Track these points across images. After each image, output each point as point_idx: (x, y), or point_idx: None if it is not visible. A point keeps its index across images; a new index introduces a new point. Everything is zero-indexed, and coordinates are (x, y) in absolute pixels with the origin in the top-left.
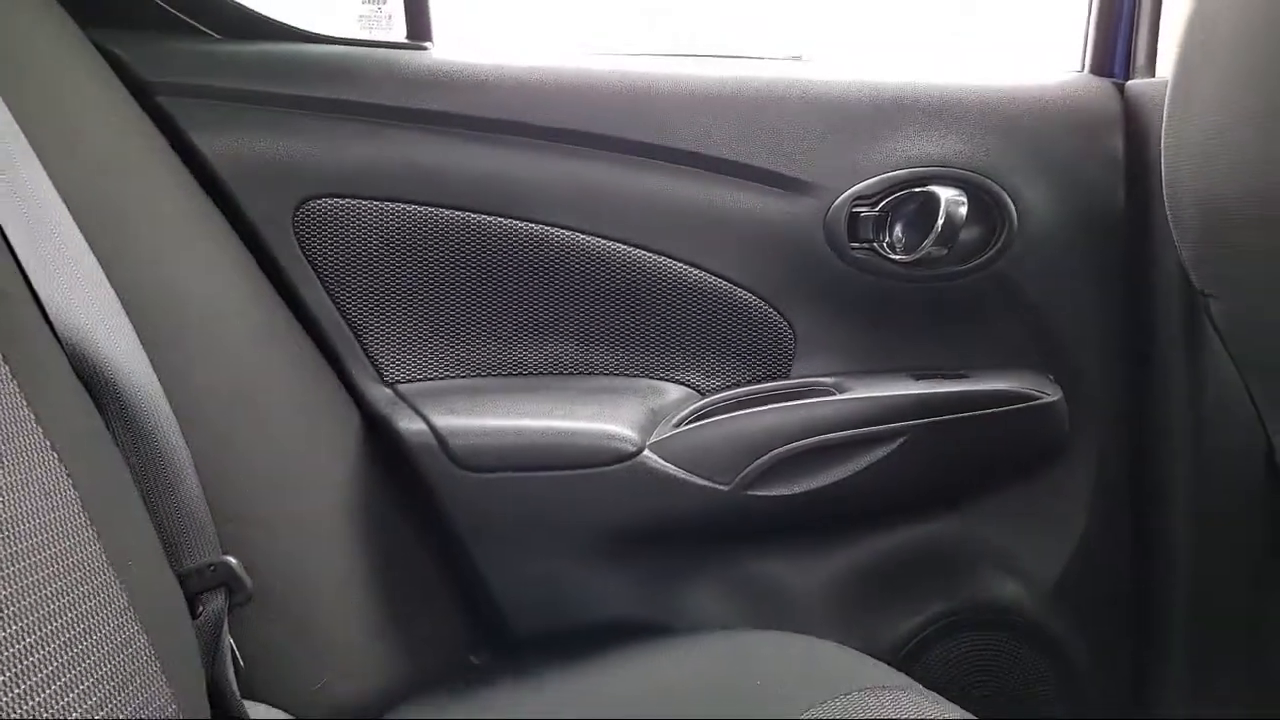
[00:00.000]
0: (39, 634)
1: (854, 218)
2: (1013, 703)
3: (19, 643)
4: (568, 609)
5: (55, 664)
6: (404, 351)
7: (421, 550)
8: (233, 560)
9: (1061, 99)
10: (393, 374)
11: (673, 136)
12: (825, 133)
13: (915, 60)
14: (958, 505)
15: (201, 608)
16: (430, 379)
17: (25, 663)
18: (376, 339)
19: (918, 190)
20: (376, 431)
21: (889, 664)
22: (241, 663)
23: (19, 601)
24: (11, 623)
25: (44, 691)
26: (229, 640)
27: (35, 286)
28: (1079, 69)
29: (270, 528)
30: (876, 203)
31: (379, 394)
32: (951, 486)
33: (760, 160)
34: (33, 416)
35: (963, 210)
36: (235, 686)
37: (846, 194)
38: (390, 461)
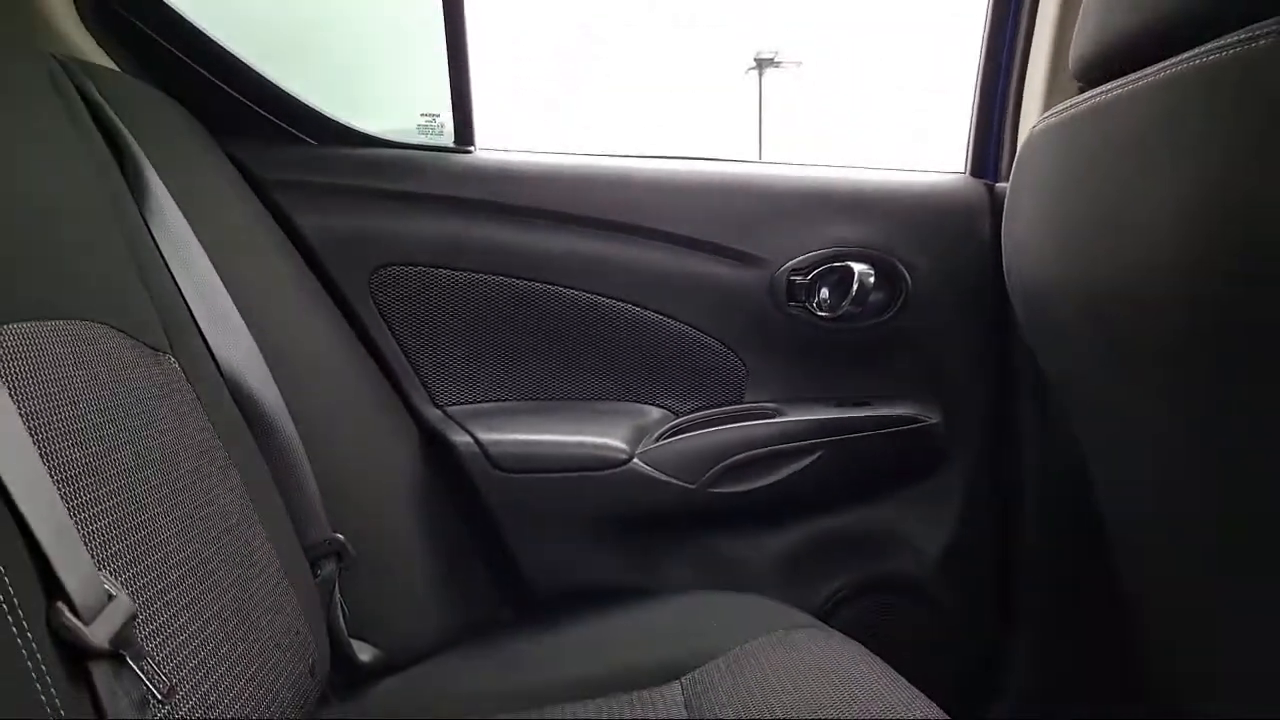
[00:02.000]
0: (230, 580)
1: (791, 284)
2: (903, 644)
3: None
4: (574, 576)
5: (236, 604)
6: (452, 382)
7: (467, 531)
8: (340, 536)
9: (947, 195)
10: (444, 399)
11: (656, 220)
12: (770, 219)
13: (838, 161)
14: (864, 500)
15: (319, 571)
16: (473, 403)
17: (224, 599)
18: (431, 372)
19: (838, 264)
20: (433, 441)
21: (813, 616)
22: (348, 612)
23: (218, 556)
24: (215, 571)
25: (231, 622)
26: (339, 596)
27: (208, 340)
28: (962, 170)
29: (362, 512)
30: (807, 273)
31: (433, 414)
32: (860, 486)
33: (721, 239)
34: (211, 428)
35: (871, 279)
36: (345, 630)
37: (785, 266)
38: (444, 464)
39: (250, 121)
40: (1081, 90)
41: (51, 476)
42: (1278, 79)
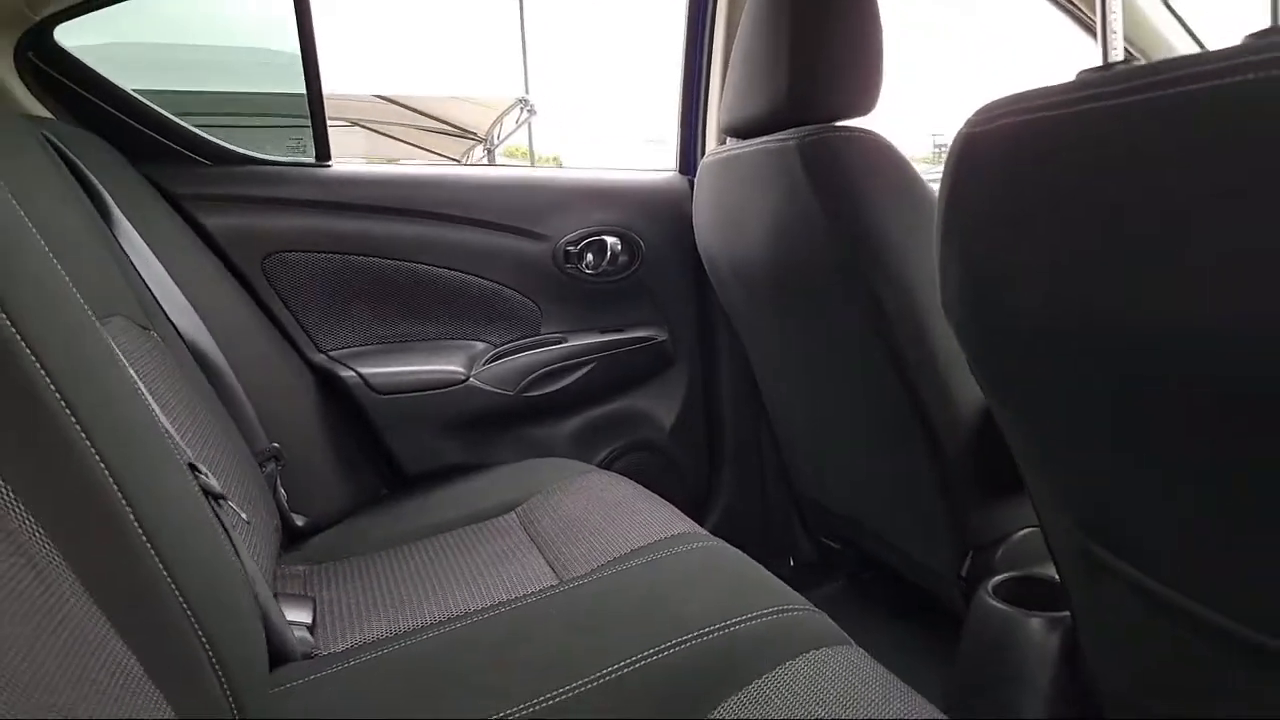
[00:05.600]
0: (217, 450)
1: (567, 252)
2: (651, 481)
3: (210, 449)
4: (434, 460)
5: (230, 476)
6: (333, 334)
7: (358, 436)
8: (276, 445)
9: (664, 187)
10: (326, 346)
11: (471, 210)
12: (551, 208)
13: (600, 165)
14: (623, 393)
15: (265, 469)
16: (350, 347)
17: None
18: (316, 328)
19: (597, 238)
20: (325, 377)
21: (597, 467)
22: (286, 495)
23: (204, 431)
24: (199, 443)
25: (247, 488)
26: (280, 486)
27: (170, 318)
28: (675, 169)
29: (285, 429)
30: (577, 245)
31: (321, 359)
32: (620, 384)
33: (518, 223)
34: (179, 369)
35: (619, 247)
36: (287, 507)
37: (562, 240)
38: (336, 392)
39: (158, 149)
40: (725, 139)
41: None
42: (796, 164)
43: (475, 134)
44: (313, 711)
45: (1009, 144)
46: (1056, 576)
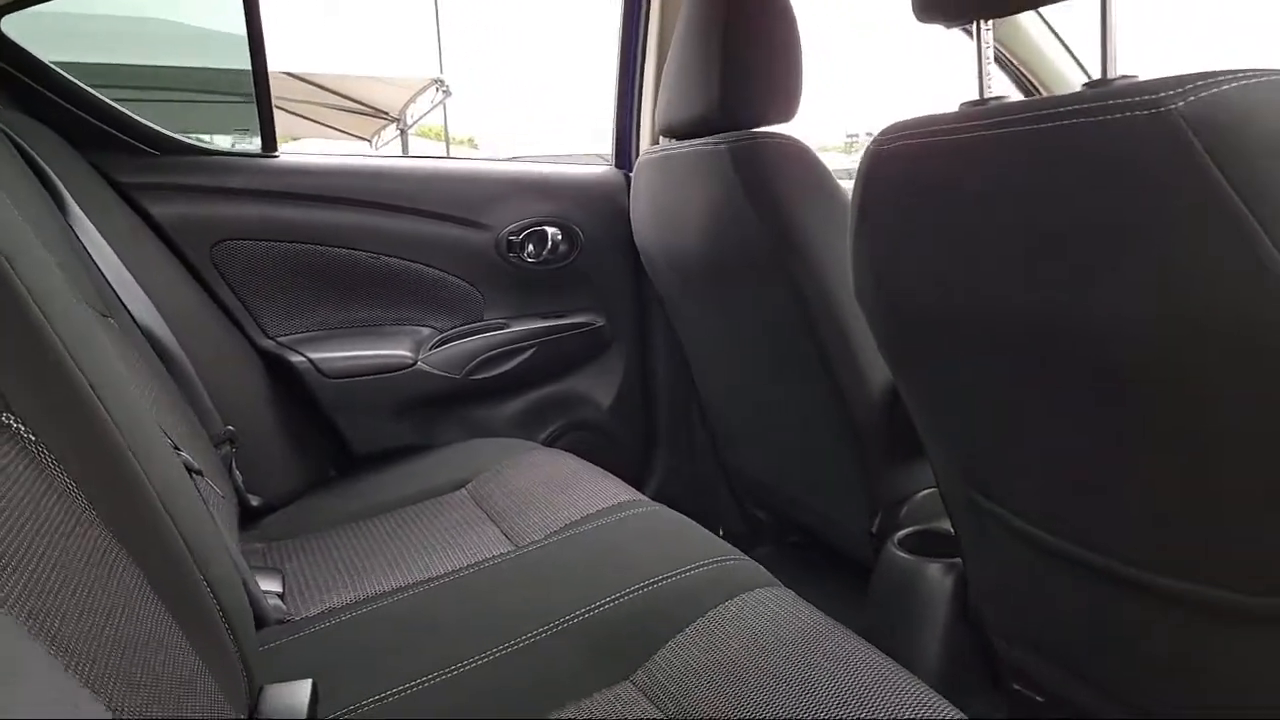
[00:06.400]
0: (186, 429)
1: (509, 241)
2: (592, 456)
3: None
4: (383, 442)
5: (195, 456)
6: (282, 320)
7: (308, 419)
8: (231, 428)
9: (600, 180)
10: (274, 332)
11: (419, 201)
12: (493, 199)
13: (548, 158)
14: (564, 375)
15: (222, 449)
16: (299, 333)
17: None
18: (264, 314)
19: (537, 228)
20: (276, 362)
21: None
22: (241, 477)
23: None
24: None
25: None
26: (235, 467)
27: (126, 305)
28: (613, 164)
29: (239, 412)
30: (519, 234)
31: (269, 344)
32: (561, 367)
33: (462, 213)
34: (137, 353)
35: (559, 237)
36: (243, 488)
37: (504, 230)
38: (287, 376)
39: (106, 140)
40: (659, 139)
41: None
42: (727, 166)
43: (387, 114)
44: (303, 665)
45: (906, 162)
46: (952, 529)
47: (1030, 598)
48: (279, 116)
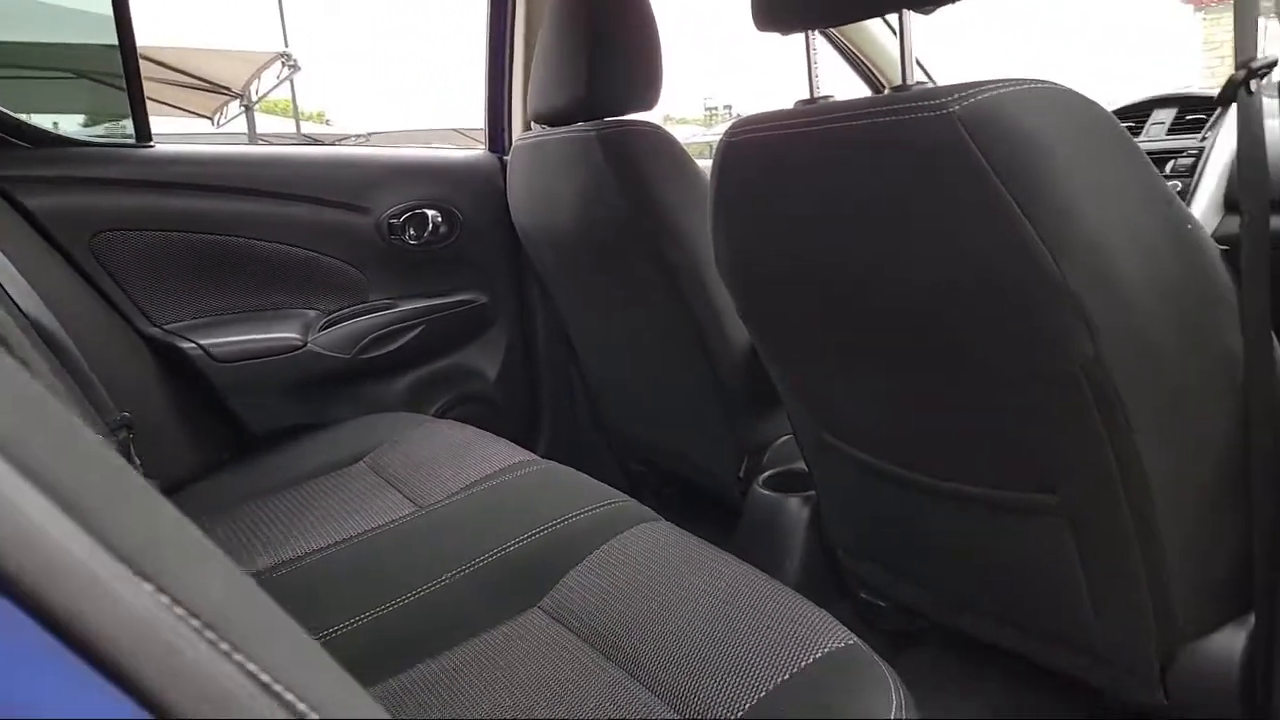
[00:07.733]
0: (82, 417)
1: (391, 225)
2: (478, 424)
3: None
4: (278, 420)
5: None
6: (168, 308)
7: (201, 402)
8: (127, 414)
9: (476, 164)
10: (160, 320)
11: (301, 187)
12: (374, 184)
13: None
14: (451, 351)
15: (120, 433)
16: (188, 320)
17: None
18: (148, 303)
19: (418, 211)
20: (165, 350)
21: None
22: (139, 463)
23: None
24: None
25: None
26: (133, 453)
27: (9, 292)
28: (487, 149)
29: (131, 399)
30: (400, 217)
31: (156, 331)
32: (447, 343)
33: (343, 198)
34: (27, 341)
35: (439, 219)
36: (142, 473)
37: (385, 213)
38: (178, 363)
39: None
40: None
41: None
42: (596, 152)
43: (229, 89)
44: None
45: (754, 151)
46: (806, 468)
47: (866, 515)
48: (112, 94)
